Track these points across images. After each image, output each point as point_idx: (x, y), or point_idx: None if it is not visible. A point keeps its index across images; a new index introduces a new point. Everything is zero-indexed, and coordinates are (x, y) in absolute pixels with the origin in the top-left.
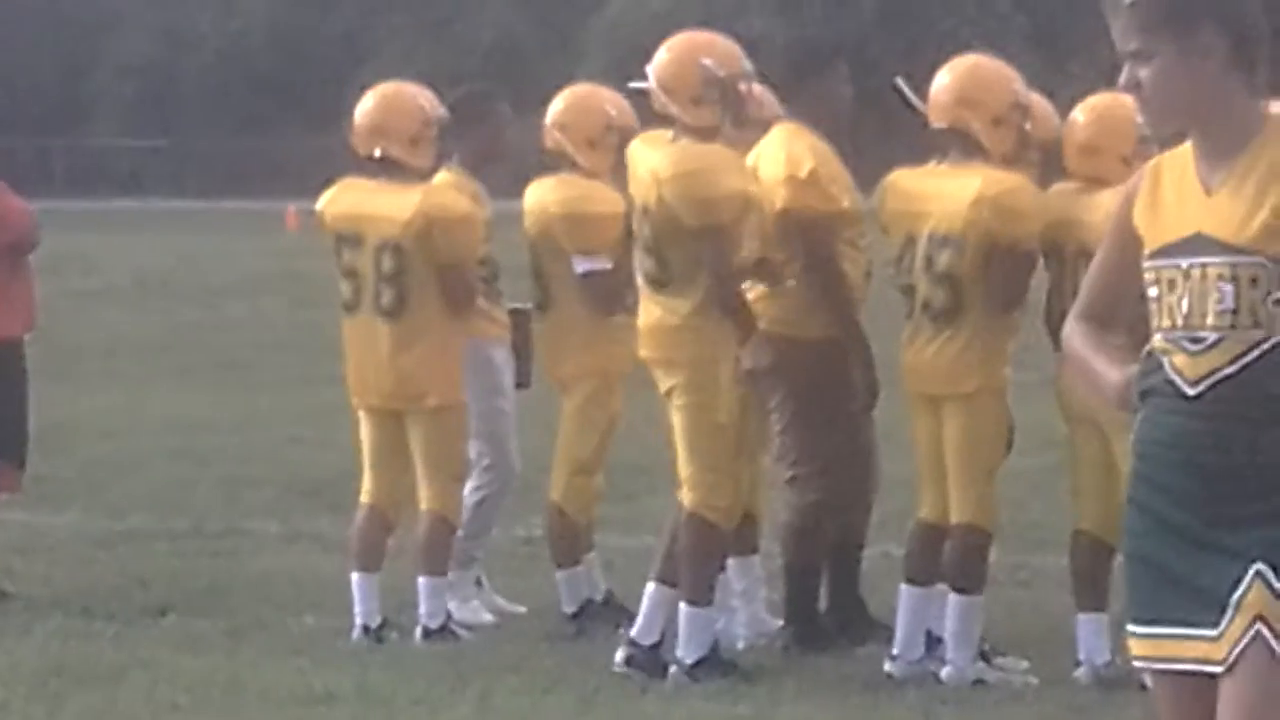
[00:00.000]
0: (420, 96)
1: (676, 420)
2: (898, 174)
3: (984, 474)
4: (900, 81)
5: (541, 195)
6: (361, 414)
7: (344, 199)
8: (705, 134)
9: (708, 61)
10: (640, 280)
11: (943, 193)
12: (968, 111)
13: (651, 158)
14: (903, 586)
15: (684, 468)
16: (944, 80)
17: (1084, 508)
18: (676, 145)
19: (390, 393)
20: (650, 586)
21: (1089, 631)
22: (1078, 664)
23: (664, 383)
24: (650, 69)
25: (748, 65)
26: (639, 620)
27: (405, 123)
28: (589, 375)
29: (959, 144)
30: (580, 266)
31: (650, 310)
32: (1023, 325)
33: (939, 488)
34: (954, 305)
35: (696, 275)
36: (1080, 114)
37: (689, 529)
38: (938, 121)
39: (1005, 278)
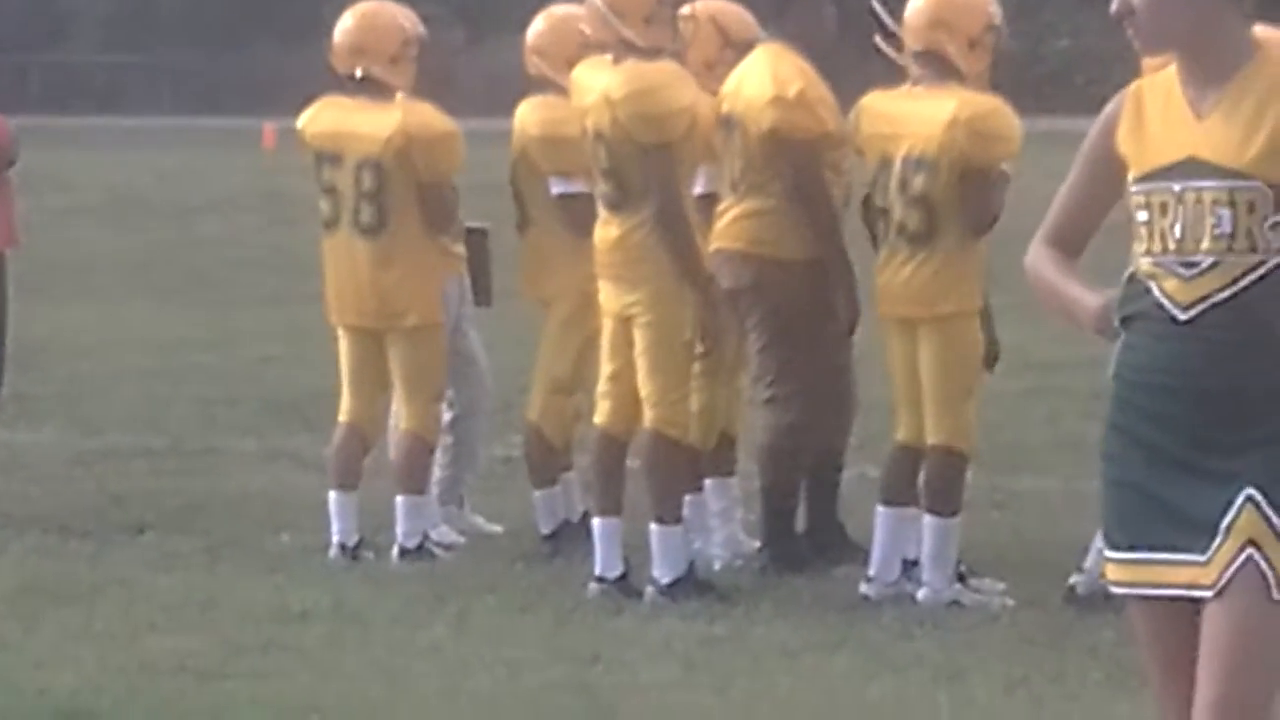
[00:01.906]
0: (400, 15)
1: (638, 337)
2: (872, 96)
3: (960, 396)
4: (876, 4)
5: (522, 116)
6: (340, 333)
7: (324, 117)
8: (653, 54)
9: None
10: (599, 203)
11: (918, 115)
12: (942, 34)
13: (601, 79)
14: (879, 508)
15: (644, 385)
16: (919, 3)
17: None
18: (625, 66)
19: (370, 311)
20: (595, 522)
21: None
22: (1079, 570)
23: (617, 300)
24: None
25: None
26: (597, 557)
27: (385, 42)
28: (568, 295)
29: (934, 66)
30: (556, 188)
31: (609, 230)
32: (999, 248)
33: (915, 410)
34: (929, 228)
35: (651, 192)
36: None
37: (652, 448)
38: (913, 45)
39: (979, 200)
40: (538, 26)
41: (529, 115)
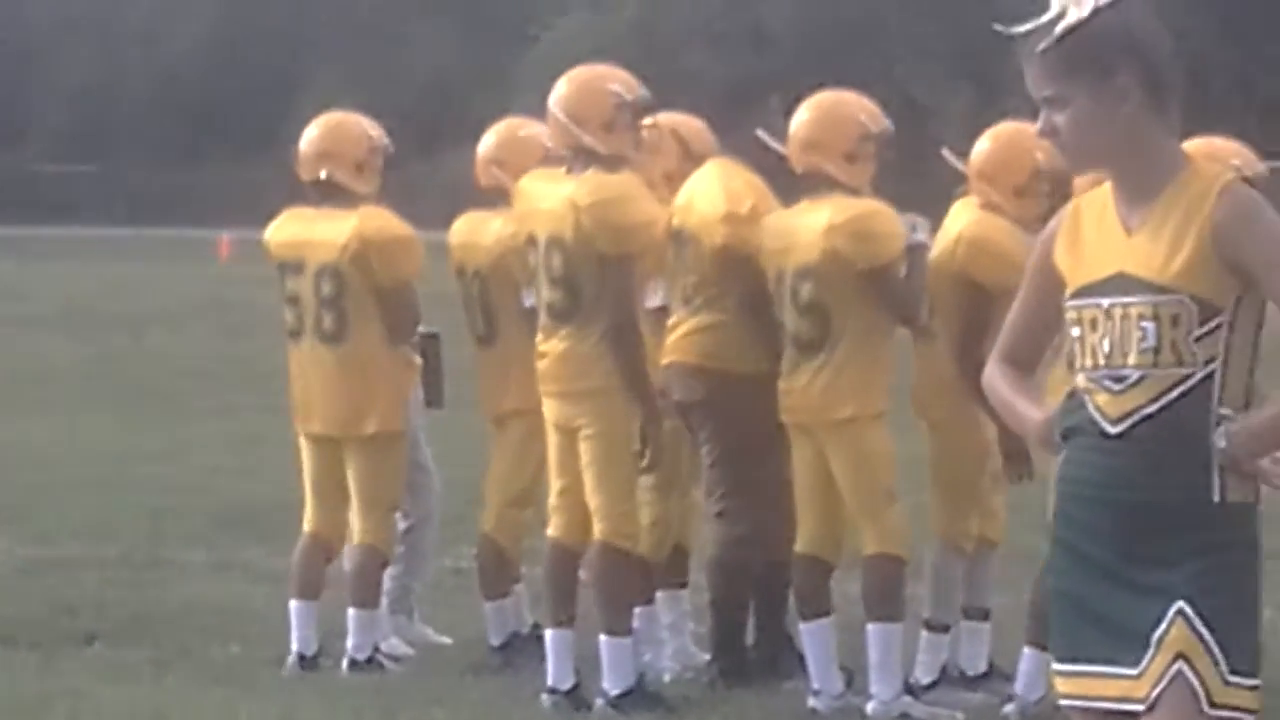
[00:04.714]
0: (365, 124)
1: (584, 450)
2: (771, 215)
3: (882, 501)
4: (761, 132)
5: (495, 229)
6: (303, 441)
7: (287, 227)
8: (614, 162)
9: (616, 87)
10: (542, 314)
11: (801, 227)
12: (816, 155)
13: (562, 189)
14: (800, 624)
15: (593, 498)
16: (794, 126)
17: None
18: (589, 175)
19: (331, 419)
20: (547, 633)
21: (1032, 666)
22: (1009, 698)
23: (563, 413)
24: (553, 102)
25: (645, 93)
26: (549, 668)
27: (350, 148)
28: (529, 409)
29: (821, 182)
30: (529, 299)
31: (553, 343)
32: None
33: (816, 520)
34: (821, 334)
35: (606, 304)
36: (985, 141)
37: (602, 559)
38: (796, 166)
39: (888, 299)
40: (492, 139)
41: (505, 229)
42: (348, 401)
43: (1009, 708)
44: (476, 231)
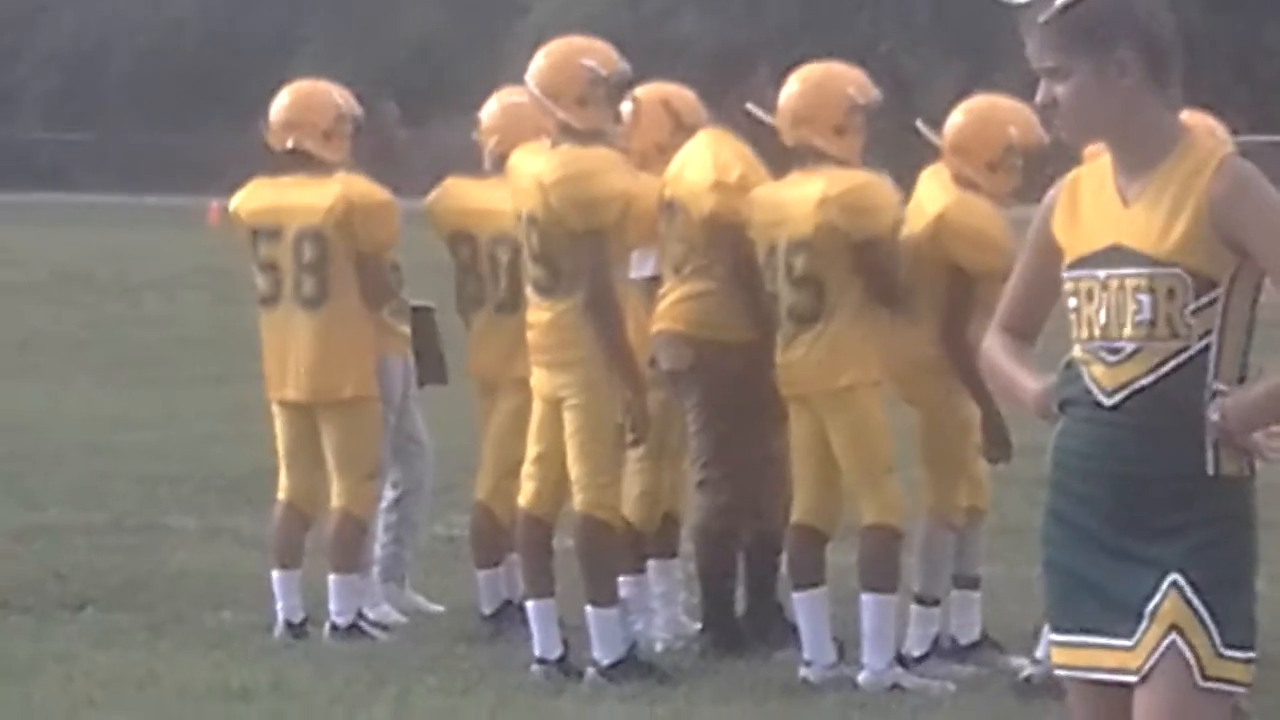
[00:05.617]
0: (334, 92)
1: (568, 420)
2: (760, 188)
3: (880, 470)
4: (751, 106)
5: (500, 196)
6: (276, 409)
7: (260, 194)
8: (591, 137)
9: (590, 62)
10: (529, 289)
11: (793, 199)
12: (805, 129)
13: (534, 164)
14: (793, 594)
15: (574, 468)
16: (783, 99)
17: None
18: (559, 150)
19: (306, 385)
20: (528, 605)
21: None
22: (1036, 661)
23: (549, 383)
24: (530, 76)
25: (625, 66)
26: (535, 639)
27: (318, 117)
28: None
29: (811, 155)
30: None
31: (539, 315)
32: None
33: (813, 490)
34: (817, 306)
35: (583, 278)
36: (959, 115)
37: (583, 531)
38: (786, 139)
39: (877, 273)
40: (492, 108)
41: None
42: (326, 366)
43: (1033, 669)
44: (470, 197)
